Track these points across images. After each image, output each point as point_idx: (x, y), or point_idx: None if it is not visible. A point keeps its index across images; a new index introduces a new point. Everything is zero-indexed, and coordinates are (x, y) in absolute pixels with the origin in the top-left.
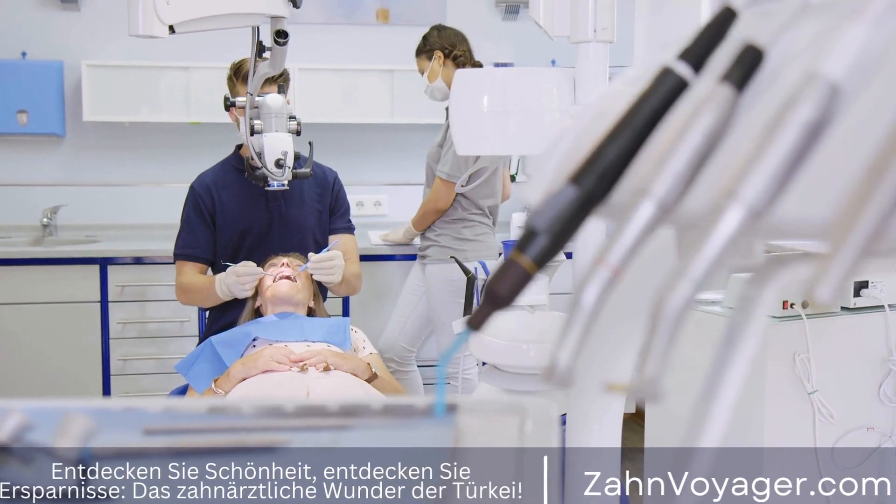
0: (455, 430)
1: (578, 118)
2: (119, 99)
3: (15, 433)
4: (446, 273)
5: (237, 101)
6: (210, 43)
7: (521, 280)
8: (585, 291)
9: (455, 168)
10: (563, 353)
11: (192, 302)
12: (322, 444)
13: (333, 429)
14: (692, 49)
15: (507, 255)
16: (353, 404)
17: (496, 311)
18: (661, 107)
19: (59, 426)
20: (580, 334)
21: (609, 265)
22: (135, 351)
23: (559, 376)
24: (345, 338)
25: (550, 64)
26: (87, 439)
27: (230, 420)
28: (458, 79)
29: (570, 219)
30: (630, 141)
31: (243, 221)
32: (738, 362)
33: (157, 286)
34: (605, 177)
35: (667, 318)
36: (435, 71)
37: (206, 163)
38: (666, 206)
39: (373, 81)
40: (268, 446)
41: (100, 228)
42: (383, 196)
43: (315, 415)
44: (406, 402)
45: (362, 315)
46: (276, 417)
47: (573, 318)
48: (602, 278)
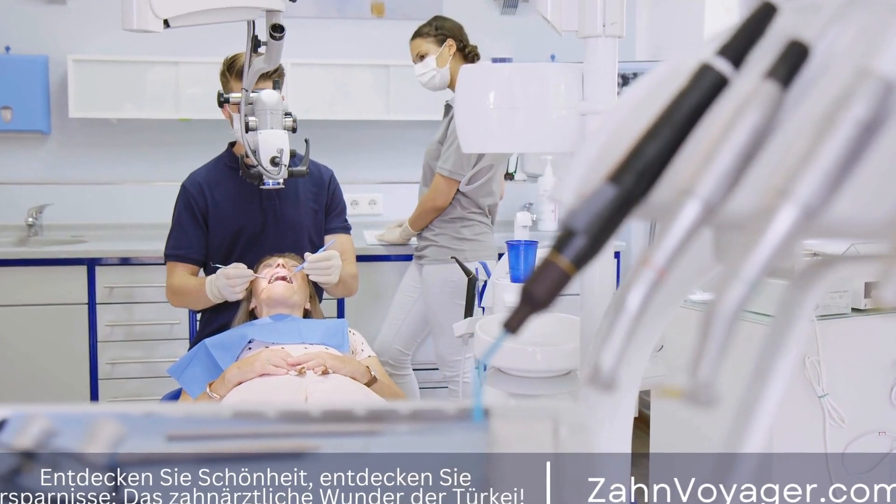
0: (489, 435)
1: (609, 116)
2: (106, 95)
3: (39, 439)
4: (444, 274)
5: (231, 97)
6: (199, 37)
7: (560, 282)
8: (630, 294)
9: (457, 165)
10: (607, 355)
11: (182, 304)
12: (353, 450)
13: (362, 434)
14: (731, 45)
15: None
16: (380, 409)
17: (534, 313)
18: (702, 104)
19: (88, 432)
20: (624, 337)
21: (654, 267)
22: (123, 354)
23: (603, 380)
24: (343, 340)
25: (550, 59)
26: (117, 445)
27: (255, 426)
28: (464, 74)
29: (609, 218)
30: (670, 138)
31: (237, 221)
32: (781, 368)
33: (146, 287)
34: (645, 175)
35: (720, 320)
36: (444, 57)
37: (195, 160)
38: (711, 206)
39: (367, 77)
40: (297, 452)
41: (87, 228)
42: (378, 195)
43: (342, 420)
44: (435, 406)
45: (357, 317)
46: (302, 423)
47: (617, 321)
48: (647, 280)
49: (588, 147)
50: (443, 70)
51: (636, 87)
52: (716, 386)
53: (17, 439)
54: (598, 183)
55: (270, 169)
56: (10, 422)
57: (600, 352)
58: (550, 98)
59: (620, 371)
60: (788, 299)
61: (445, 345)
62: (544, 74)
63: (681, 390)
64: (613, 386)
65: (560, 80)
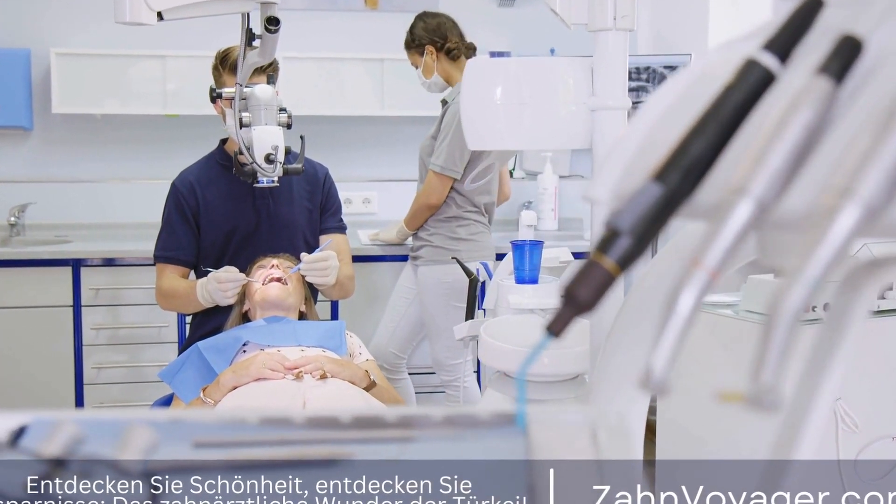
0: (527, 441)
1: (645, 114)
2: (90, 90)
3: (68, 446)
4: (440, 275)
5: (224, 93)
6: (187, 30)
7: (604, 283)
8: (682, 296)
9: (450, 161)
10: (659, 359)
11: (172, 308)
12: (388, 457)
13: (396, 441)
14: (778, 40)
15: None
16: (412, 415)
17: (577, 316)
18: (749, 100)
19: (122, 438)
20: (676, 341)
21: (706, 268)
22: (110, 358)
23: (655, 384)
24: (341, 343)
25: (550, 53)
26: (150, 452)
27: (283, 432)
28: (470, 69)
29: (654, 218)
30: (716, 136)
31: (229, 221)
32: (833, 373)
33: (133, 289)
34: (691, 173)
35: (783, 322)
36: (429, 66)
37: (183, 158)
38: (764, 206)
39: (361, 71)
40: (331, 459)
41: (71, 228)
42: (373, 193)
43: (372, 426)
44: (469, 412)
45: (352, 319)
46: (331, 429)
47: (668, 324)
48: (699, 282)
49: (624, 145)
50: (432, 79)
51: (672, 84)
52: (779, 390)
53: (44, 446)
54: (642, 181)
55: (265, 166)
56: (30, 428)
57: (651, 355)
58: (559, 93)
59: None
60: (840, 302)
61: (443, 348)
62: (553, 69)
63: (742, 395)
64: (665, 390)
65: (569, 74)
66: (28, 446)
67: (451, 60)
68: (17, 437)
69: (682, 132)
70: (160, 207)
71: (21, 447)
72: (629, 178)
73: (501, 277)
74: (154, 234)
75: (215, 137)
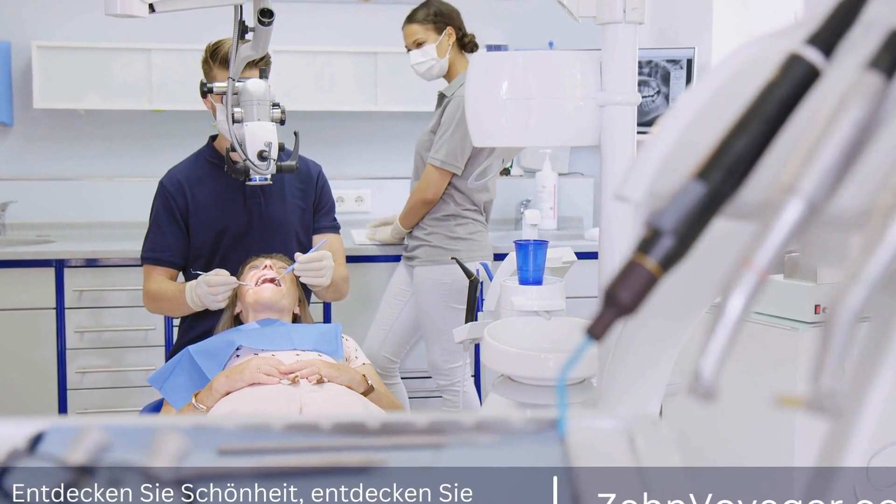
0: (563, 447)
1: (679, 110)
2: (73, 84)
3: (94, 453)
4: (439, 275)
5: (215, 87)
6: (173, 23)
7: (647, 284)
8: (732, 298)
9: (451, 156)
10: (708, 363)
11: (160, 311)
12: (422, 464)
13: (427, 447)
14: (822, 34)
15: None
16: (442, 420)
17: (619, 318)
18: (793, 96)
19: (152, 445)
20: (726, 344)
21: (757, 269)
22: (94, 363)
23: (704, 389)
24: (337, 346)
25: (548, 46)
26: (182, 459)
27: (310, 439)
28: (475, 63)
29: (698, 217)
30: (760, 133)
31: (220, 221)
32: (882, 378)
33: (118, 291)
34: (735, 171)
35: (842, 326)
36: (444, 48)
37: (170, 154)
38: (815, 205)
39: (353, 65)
40: (363, 466)
41: (54, 227)
42: (366, 191)
43: (402, 432)
44: (501, 417)
45: (344, 322)
46: (359, 435)
47: (718, 326)
48: (749, 283)
49: (658, 142)
50: (442, 60)
51: (707, 81)
52: (840, 394)
53: (69, 453)
54: (683, 180)
55: (258, 164)
56: (49, 435)
57: (699, 359)
58: (566, 88)
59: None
60: (886, 305)
61: (441, 351)
62: (560, 63)
63: (802, 400)
64: (714, 395)
65: (577, 68)
66: (51, 453)
67: (461, 51)
68: (34, 443)
69: (724, 129)
70: (146, 206)
71: (43, 454)
72: (666, 176)
73: (504, 278)
74: (140, 233)
75: (202, 133)
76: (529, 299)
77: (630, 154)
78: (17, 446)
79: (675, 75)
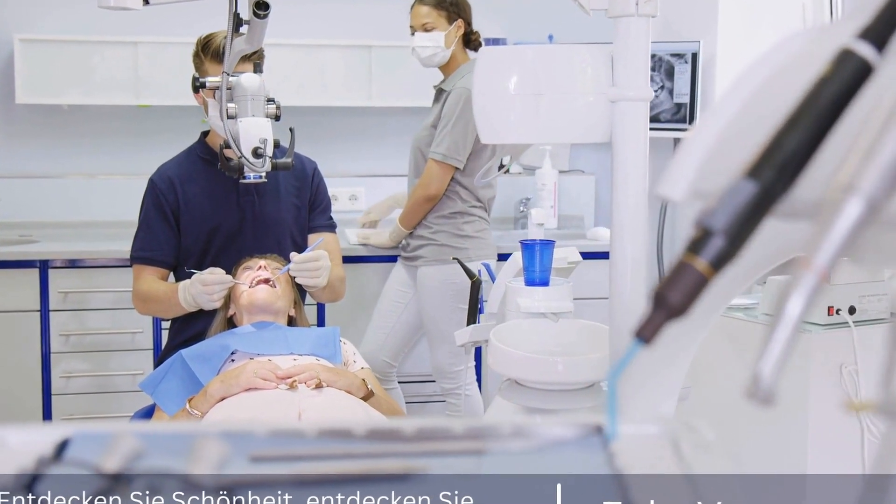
0: (607, 454)
1: (721, 107)
2: (57, 78)
3: (128, 460)
4: (445, 275)
5: (208, 82)
6: (161, 15)
7: (698, 285)
8: (791, 300)
9: (453, 150)
10: (767, 367)
11: (151, 312)
12: (464, 471)
13: (467, 453)
14: (874, 28)
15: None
16: (480, 426)
17: (670, 320)
18: (846, 92)
19: (191, 452)
20: (786, 347)
21: (817, 270)
22: (79, 367)
23: (763, 393)
24: (335, 350)
25: (548, 39)
26: (222, 465)
27: (344, 445)
28: (483, 58)
29: (749, 216)
30: (813, 130)
31: (212, 219)
32: None
33: (105, 292)
34: (787, 169)
35: None
36: (451, 37)
37: (157, 151)
38: (876, 204)
39: (347, 59)
40: (405, 473)
41: (37, 226)
42: (360, 189)
43: (439, 438)
44: (539, 424)
45: (338, 325)
46: (394, 441)
47: (777, 329)
48: (809, 285)
49: (699, 140)
50: (447, 50)
51: (748, 76)
52: None
53: (103, 460)
54: (732, 178)
55: (253, 161)
56: (74, 441)
57: (759, 362)
58: (577, 83)
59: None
60: None
61: (445, 354)
62: (570, 57)
63: (872, 404)
64: (773, 400)
65: (587, 63)
66: (85, 460)
67: (464, 47)
68: (60, 450)
69: (775, 126)
70: (132, 204)
71: (76, 461)
72: (711, 175)
73: (509, 279)
74: (127, 232)
75: (190, 129)
76: (536, 301)
77: (643, 152)
78: (44, 453)
79: (679, 70)
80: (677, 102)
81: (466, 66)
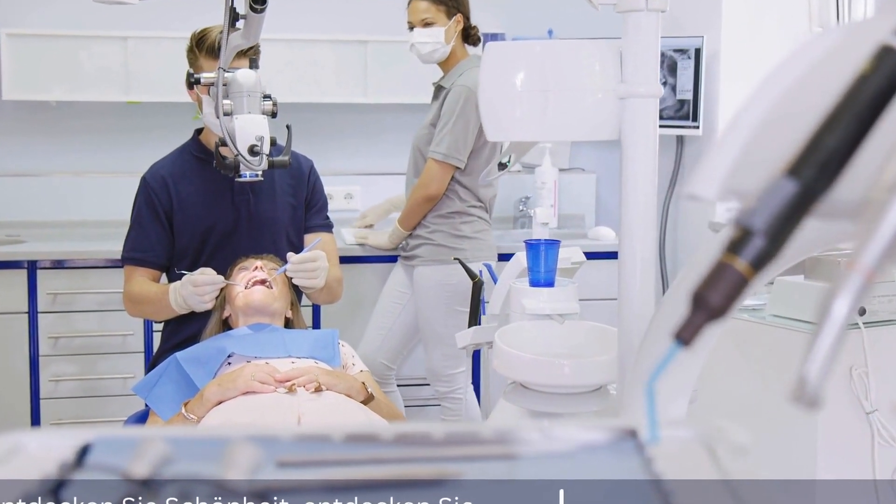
0: (643, 460)
1: (753, 104)
2: (44, 74)
3: (157, 465)
4: (442, 276)
5: (203, 78)
6: (152, 9)
7: (738, 286)
8: (837, 301)
9: (453, 148)
10: (814, 368)
11: (142, 314)
12: (498, 476)
13: (499, 458)
14: None
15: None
16: (508, 430)
17: (710, 322)
18: (887, 89)
19: (224, 457)
20: (832, 348)
21: (863, 270)
22: (69, 370)
23: (809, 395)
24: (334, 353)
25: (547, 34)
26: (256, 471)
27: (372, 450)
28: (489, 53)
29: (789, 216)
30: (854, 128)
31: (206, 219)
32: None
33: (95, 294)
34: (828, 168)
35: None
36: (451, 33)
37: (147, 149)
38: None
39: (342, 54)
40: (438, 479)
41: (24, 226)
42: (355, 188)
43: (468, 443)
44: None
45: (335, 327)
46: (423, 446)
47: (823, 331)
48: (855, 285)
49: (731, 139)
50: (446, 46)
51: (781, 72)
52: None
53: (132, 465)
54: (773, 177)
55: (250, 159)
56: (96, 446)
57: (805, 364)
58: (585, 79)
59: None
60: None
61: (441, 357)
62: (578, 53)
63: None
64: (819, 402)
65: (596, 59)
66: (113, 465)
67: (463, 42)
68: (82, 455)
69: (814, 124)
70: (122, 203)
71: (104, 466)
72: (747, 174)
73: (512, 280)
74: (117, 232)
75: (181, 126)
76: (541, 302)
77: (653, 149)
78: (66, 459)
79: (682, 65)
80: (680, 99)
81: (465, 62)
